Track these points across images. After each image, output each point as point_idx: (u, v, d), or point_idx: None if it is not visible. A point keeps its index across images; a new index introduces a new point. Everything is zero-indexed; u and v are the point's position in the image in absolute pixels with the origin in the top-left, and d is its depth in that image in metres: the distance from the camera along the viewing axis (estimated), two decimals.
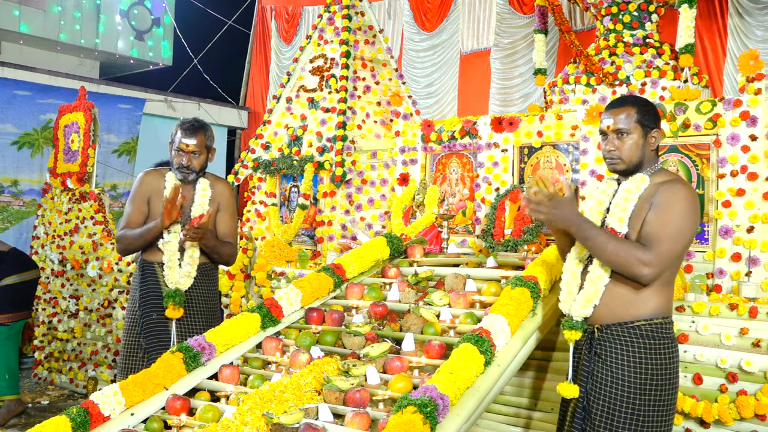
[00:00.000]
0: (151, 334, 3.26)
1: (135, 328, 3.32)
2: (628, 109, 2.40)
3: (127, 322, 3.38)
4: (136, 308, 3.32)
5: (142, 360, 3.24)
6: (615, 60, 5.23)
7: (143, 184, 3.35)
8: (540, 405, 3.35)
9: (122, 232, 3.29)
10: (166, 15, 11.32)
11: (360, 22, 5.65)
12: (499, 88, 8.81)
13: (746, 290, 3.19)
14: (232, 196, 3.53)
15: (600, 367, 2.36)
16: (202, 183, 3.34)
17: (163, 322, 3.26)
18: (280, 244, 5.20)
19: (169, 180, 3.33)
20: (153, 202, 3.33)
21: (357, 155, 5.19)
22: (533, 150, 4.17)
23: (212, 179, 3.41)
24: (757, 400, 2.84)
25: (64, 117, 5.94)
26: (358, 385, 2.31)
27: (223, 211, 3.41)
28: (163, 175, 3.36)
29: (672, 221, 2.26)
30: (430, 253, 3.79)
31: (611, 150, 2.41)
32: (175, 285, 3.25)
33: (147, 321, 3.27)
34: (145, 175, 3.39)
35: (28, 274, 4.93)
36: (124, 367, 3.33)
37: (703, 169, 3.59)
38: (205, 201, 3.31)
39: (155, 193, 3.32)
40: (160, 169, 3.43)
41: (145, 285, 3.31)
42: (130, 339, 3.33)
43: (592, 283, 2.37)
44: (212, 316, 3.42)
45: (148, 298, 3.29)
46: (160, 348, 3.19)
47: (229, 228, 3.43)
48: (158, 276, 3.29)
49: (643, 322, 2.31)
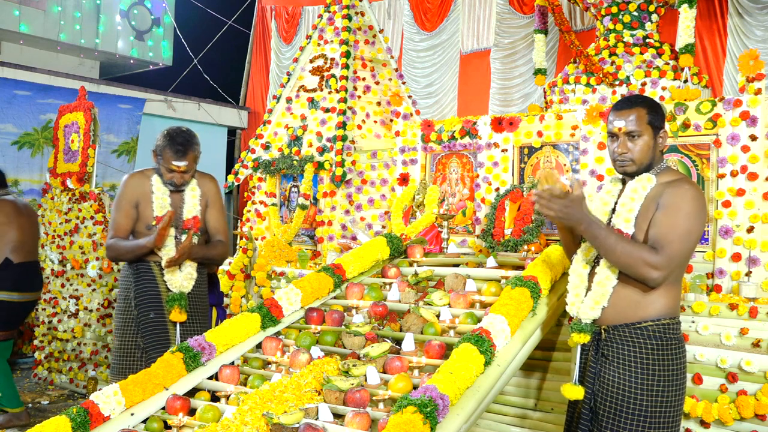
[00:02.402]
0: (150, 334, 3.24)
1: (130, 328, 3.28)
2: (639, 110, 2.36)
3: (120, 322, 3.33)
4: (131, 308, 3.28)
5: (140, 360, 3.23)
6: (615, 60, 5.23)
7: (129, 188, 3.29)
8: (540, 405, 3.35)
9: (113, 242, 3.25)
10: (166, 15, 11.32)
11: (360, 22, 5.65)
12: (499, 88, 8.82)
13: (746, 290, 3.19)
14: (219, 190, 3.50)
15: (607, 368, 2.34)
16: (191, 184, 3.33)
17: (162, 321, 3.25)
18: (280, 244, 5.20)
19: (155, 184, 3.28)
20: (141, 206, 3.28)
21: (357, 155, 5.19)
22: (533, 150, 4.17)
23: (198, 177, 3.38)
24: (757, 400, 2.84)
25: (64, 117, 5.93)
26: (358, 385, 2.31)
27: (212, 207, 3.39)
28: (149, 177, 3.31)
29: (680, 223, 2.24)
30: (430, 253, 3.79)
31: (623, 152, 2.37)
32: (178, 289, 3.24)
33: (144, 320, 3.25)
34: (130, 179, 3.32)
35: (28, 295, 4.62)
36: (119, 367, 3.29)
37: (703, 169, 3.59)
38: (196, 202, 3.31)
39: (143, 198, 3.27)
40: (144, 171, 3.37)
41: (140, 284, 3.27)
42: (125, 339, 3.29)
43: (601, 285, 2.35)
44: (205, 314, 3.43)
45: (145, 298, 3.25)
46: (159, 347, 3.18)
47: (220, 223, 3.41)
48: (155, 275, 3.26)
49: (650, 322, 2.29)
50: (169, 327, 3.27)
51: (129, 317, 3.30)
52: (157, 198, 3.27)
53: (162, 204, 3.26)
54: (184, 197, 3.31)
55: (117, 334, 3.36)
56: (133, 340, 3.27)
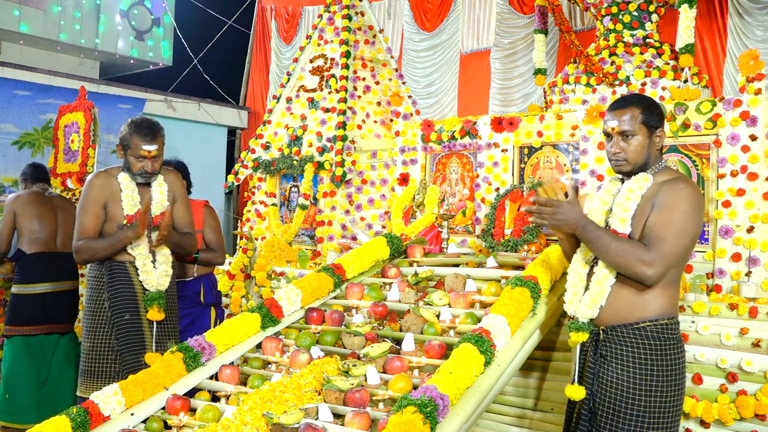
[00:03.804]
0: (125, 335, 3.17)
1: (102, 329, 3.18)
2: (632, 109, 2.36)
3: (90, 322, 3.22)
4: (103, 309, 3.18)
5: (114, 362, 3.16)
6: (615, 60, 5.23)
7: (96, 189, 3.21)
8: (540, 405, 3.35)
9: (83, 243, 3.15)
10: (166, 15, 11.32)
11: (360, 22, 5.65)
12: (499, 88, 8.81)
13: (746, 290, 3.19)
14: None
15: (606, 368, 2.34)
16: (158, 179, 3.28)
17: (137, 322, 3.18)
18: (280, 244, 5.20)
19: (123, 182, 3.21)
20: (110, 207, 3.20)
21: (357, 155, 5.19)
22: (533, 150, 4.17)
23: (164, 173, 3.34)
24: (757, 400, 2.84)
25: (64, 117, 5.93)
26: (358, 385, 2.31)
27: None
28: (114, 176, 3.24)
29: (674, 220, 2.24)
30: (430, 253, 3.79)
31: (617, 152, 2.38)
32: (155, 287, 3.19)
33: (119, 322, 3.16)
34: (96, 179, 3.24)
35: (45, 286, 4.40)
36: (90, 369, 3.19)
37: (703, 169, 3.59)
38: (164, 198, 3.27)
39: (111, 198, 3.20)
40: (109, 169, 3.30)
41: (114, 285, 3.18)
42: (96, 341, 3.19)
43: (598, 284, 2.35)
44: (177, 313, 3.40)
45: (120, 298, 3.17)
46: (134, 349, 3.13)
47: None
48: (131, 276, 3.19)
49: (648, 323, 2.29)
50: (144, 328, 3.19)
51: (101, 318, 3.19)
52: (126, 196, 3.18)
53: (132, 202, 3.18)
54: (152, 193, 3.25)
55: (87, 336, 3.23)
56: (106, 342, 3.17)
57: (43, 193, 4.59)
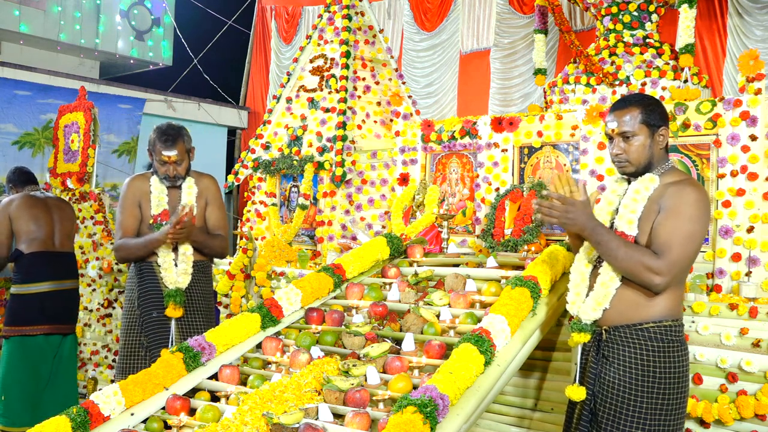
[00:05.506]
0: (153, 332, 3.32)
1: (134, 327, 3.37)
2: (632, 109, 2.34)
3: (125, 321, 3.43)
4: (135, 307, 3.37)
5: (144, 358, 3.30)
6: (615, 60, 5.23)
7: (132, 189, 3.41)
8: (540, 405, 3.35)
9: (122, 242, 3.35)
10: (166, 15, 11.32)
11: (360, 22, 5.65)
12: (499, 88, 8.82)
13: (746, 290, 3.19)
14: (219, 189, 3.60)
15: (607, 369, 2.33)
16: (188, 182, 3.42)
17: (164, 319, 3.32)
18: (280, 244, 5.20)
19: (154, 184, 3.38)
20: (143, 206, 3.40)
21: (357, 155, 5.19)
22: (533, 150, 4.17)
23: (196, 176, 3.48)
24: (757, 400, 2.84)
25: (64, 117, 5.93)
26: (358, 385, 2.31)
27: (212, 205, 3.49)
28: (148, 178, 3.42)
29: (681, 226, 2.22)
30: (430, 253, 3.79)
31: (618, 153, 2.36)
32: (174, 285, 3.30)
33: (147, 319, 3.33)
34: (132, 181, 3.45)
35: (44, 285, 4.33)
36: (124, 366, 3.37)
37: (703, 169, 3.59)
38: (192, 199, 3.39)
39: (144, 198, 3.39)
40: (145, 173, 3.49)
41: (143, 284, 3.36)
42: (129, 338, 3.38)
43: (604, 286, 2.32)
44: (209, 312, 3.49)
45: (147, 297, 3.34)
46: (162, 345, 3.25)
47: (220, 220, 3.51)
48: (156, 275, 3.35)
49: (651, 324, 2.27)
50: (172, 325, 3.33)
51: (133, 317, 3.38)
52: (154, 196, 3.36)
53: (159, 202, 3.36)
54: (181, 195, 3.40)
55: (122, 334, 3.44)
56: (137, 340, 3.36)
57: (34, 195, 4.54)
